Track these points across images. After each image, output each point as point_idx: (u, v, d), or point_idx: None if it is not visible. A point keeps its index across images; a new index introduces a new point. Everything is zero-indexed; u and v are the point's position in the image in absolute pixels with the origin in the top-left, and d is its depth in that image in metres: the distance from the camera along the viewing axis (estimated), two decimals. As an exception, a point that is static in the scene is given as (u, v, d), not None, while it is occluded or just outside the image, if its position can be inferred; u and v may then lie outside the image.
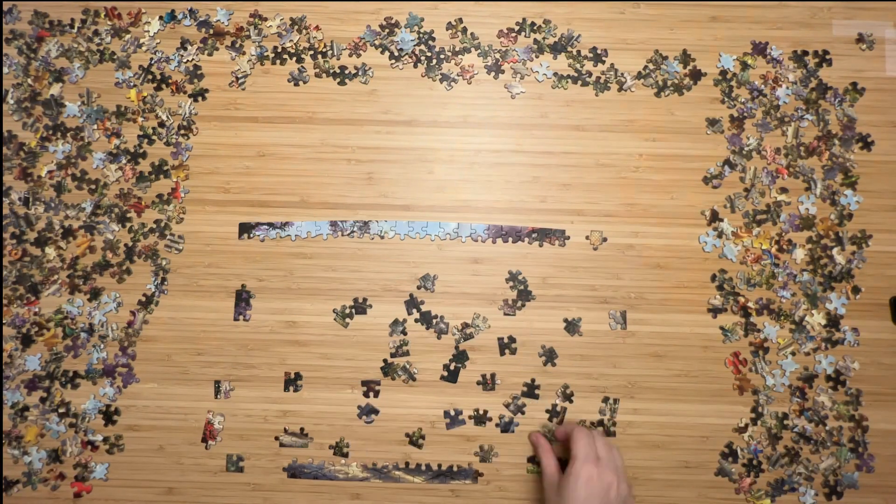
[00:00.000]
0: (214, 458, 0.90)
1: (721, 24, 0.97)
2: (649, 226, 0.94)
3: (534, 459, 0.90)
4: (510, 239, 0.94)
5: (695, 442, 0.90)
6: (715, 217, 0.93)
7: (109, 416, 0.90)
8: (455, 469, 0.90)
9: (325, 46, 0.97)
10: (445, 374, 0.91)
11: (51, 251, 0.93)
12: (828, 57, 0.96)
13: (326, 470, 0.90)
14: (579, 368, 0.91)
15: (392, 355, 0.91)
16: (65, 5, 0.98)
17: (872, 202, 0.94)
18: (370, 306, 0.93)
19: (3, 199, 0.93)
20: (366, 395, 0.91)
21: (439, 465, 0.90)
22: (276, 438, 0.90)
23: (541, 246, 0.93)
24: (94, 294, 0.92)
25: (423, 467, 0.90)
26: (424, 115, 0.96)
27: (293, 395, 0.91)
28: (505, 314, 0.92)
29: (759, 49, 0.96)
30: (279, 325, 0.92)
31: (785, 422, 0.90)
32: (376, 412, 0.91)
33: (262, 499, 0.90)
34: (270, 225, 0.94)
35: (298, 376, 0.91)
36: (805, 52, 0.96)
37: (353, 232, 0.94)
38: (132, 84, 0.96)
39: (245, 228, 0.94)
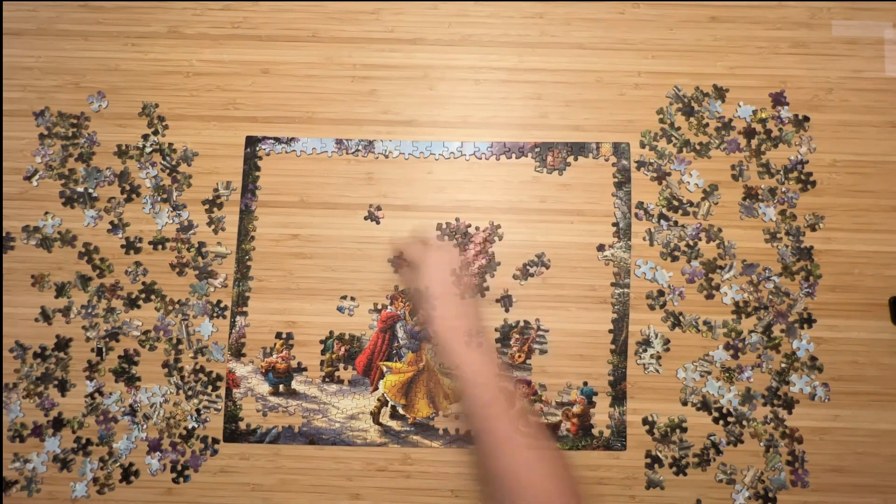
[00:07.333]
0: (215, 458, 0.90)
1: (721, 25, 0.97)
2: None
3: None
4: (513, 156, 0.95)
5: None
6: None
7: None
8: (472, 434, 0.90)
9: None
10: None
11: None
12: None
13: (345, 435, 0.90)
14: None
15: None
16: (65, 5, 0.98)
17: (872, 202, 0.94)
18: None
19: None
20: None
21: (457, 430, 0.91)
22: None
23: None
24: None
25: (441, 432, 0.91)
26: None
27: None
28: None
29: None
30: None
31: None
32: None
33: (262, 499, 0.89)
34: (276, 139, 0.95)
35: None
36: (806, 118, 0.95)
37: (357, 150, 0.95)
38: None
39: (252, 142, 0.95)
